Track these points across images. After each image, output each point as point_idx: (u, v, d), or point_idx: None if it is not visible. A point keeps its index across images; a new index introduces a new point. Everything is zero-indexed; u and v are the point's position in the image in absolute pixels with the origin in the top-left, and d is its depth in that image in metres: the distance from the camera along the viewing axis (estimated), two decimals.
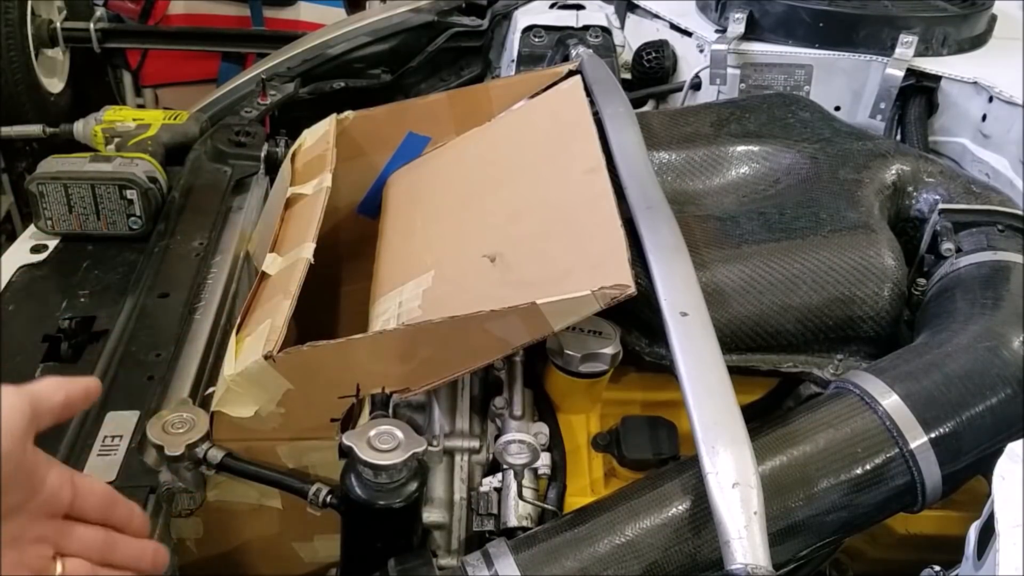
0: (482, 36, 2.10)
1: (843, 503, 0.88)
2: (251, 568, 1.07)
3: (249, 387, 0.94)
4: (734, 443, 0.80)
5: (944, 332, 1.00)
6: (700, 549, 0.83)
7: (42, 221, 1.37)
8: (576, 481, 1.04)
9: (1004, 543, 0.64)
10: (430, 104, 1.41)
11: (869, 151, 1.25)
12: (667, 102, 1.88)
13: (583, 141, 1.17)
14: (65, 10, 2.41)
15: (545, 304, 0.90)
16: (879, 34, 1.63)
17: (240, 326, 1.02)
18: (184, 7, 2.88)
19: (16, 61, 2.11)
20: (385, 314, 1.08)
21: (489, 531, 0.96)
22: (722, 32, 1.74)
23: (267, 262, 1.12)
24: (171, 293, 1.23)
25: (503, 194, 1.21)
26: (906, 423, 0.89)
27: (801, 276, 1.05)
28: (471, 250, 1.09)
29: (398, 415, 0.98)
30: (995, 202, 1.20)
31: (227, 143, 1.58)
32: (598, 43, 1.87)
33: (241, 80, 1.91)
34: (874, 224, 1.11)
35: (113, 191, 1.35)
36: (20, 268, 1.31)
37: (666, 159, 1.29)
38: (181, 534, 1.02)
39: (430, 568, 0.89)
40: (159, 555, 0.78)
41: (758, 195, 1.24)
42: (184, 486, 0.98)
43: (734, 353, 1.04)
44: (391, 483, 0.87)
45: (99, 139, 1.59)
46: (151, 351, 1.12)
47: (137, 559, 0.76)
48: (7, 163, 2.25)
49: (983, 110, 1.55)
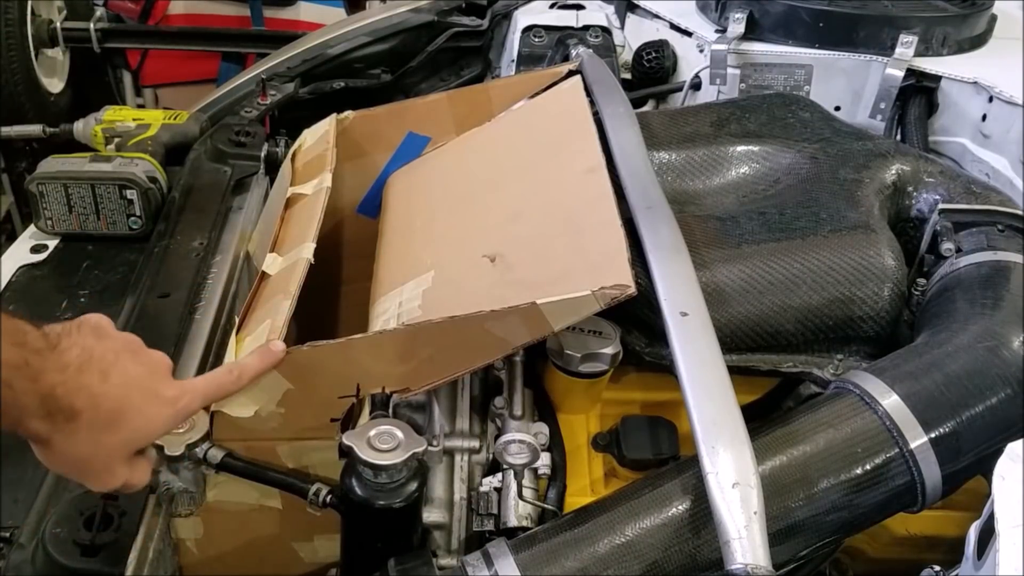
0: (482, 36, 2.09)
1: (843, 503, 0.88)
2: (251, 568, 1.07)
3: (249, 387, 0.94)
4: (734, 443, 0.80)
5: (944, 332, 1.00)
6: (700, 549, 0.83)
7: (42, 221, 1.37)
8: (576, 481, 1.04)
9: (1004, 543, 0.64)
10: (430, 104, 1.41)
11: (869, 151, 1.25)
12: (667, 102, 1.88)
13: (583, 141, 1.17)
14: (65, 10, 2.41)
15: (545, 304, 0.90)
16: (879, 34, 1.63)
17: (240, 326, 1.02)
18: (184, 7, 2.88)
19: (16, 61, 2.11)
20: (385, 314, 1.08)
21: (489, 531, 0.96)
22: (722, 32, 1.74)
23: (267, 262, 1.12)
24: (171, 293, 1.23)
25: (503, 194, 1.21)
26: (906, 423, 0.89)
27: (801, 276, 1.05)
28: (471, 250, 1.09)
29: (398, 415, 0.98)
30: (995, 202, 1.20)
31: (227, 143, 1.58)
32: (598, 43, 1.87)
33: (241, 80, 1.91)
34: (874, 224, 1.11)
35: (113, 191, 1.35)
36: (20, 268, 1.31)
37: (666, 159, 1.29)
38: (181, 534, 1.02)
39: (430, 568, 0.89)
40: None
41: (758, 195, 1.24)
42: (184, 486, 0.98)
43: (734, 353, 1.04)
44: (391, 483, 0.87)
45: (99, 139, 1.59)
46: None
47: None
48: (7, 163, 2.25)
49: (983, 110, 1.55)
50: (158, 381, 0.82)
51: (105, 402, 0.76)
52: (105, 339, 0.79)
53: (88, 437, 0.76)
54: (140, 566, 0.91)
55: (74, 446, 0.76)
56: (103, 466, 0.79)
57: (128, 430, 0.78)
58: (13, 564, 0.90)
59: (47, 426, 0.74)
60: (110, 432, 0.77)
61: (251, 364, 0.91)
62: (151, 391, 0.80)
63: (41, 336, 0.74)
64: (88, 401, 0.75)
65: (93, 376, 0.76)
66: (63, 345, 0.75)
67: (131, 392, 0.78)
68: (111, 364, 0.77)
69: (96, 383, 0.76)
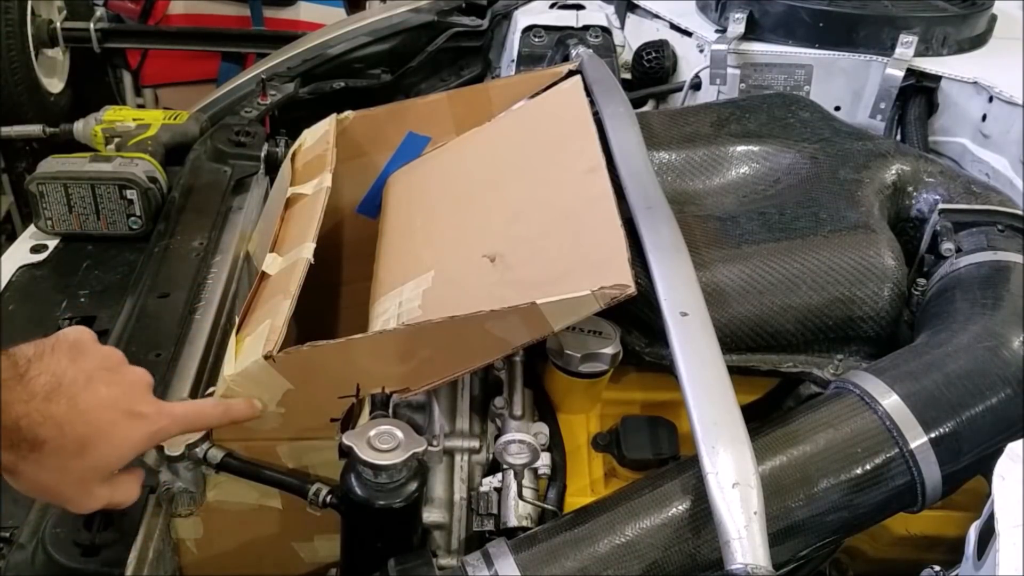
0: (482, 36, 2.09)
1: (843, 503, 0.88)
2: (251, 568, 1.07)
3: (249, 387, 0.94)
4: (734, 443, 0.80)
5: (944, 332, 1.00)
6: (700, 549, 0.83)
7: (42, 221, 1.37)
8: (576, 481, 1.04)
9: (1004, 543, 0.64)
10: (430, 104, 1.41)
11: (869, 151, 1.25)
12: (667, 102, 1.88)
13: (583, 141, 1.17)
14: (65, 10, 2.42)
15: (545, 304, 0.90)
16: (879, 34, 1.63)
17: (240, 326, 1.02)
18: (184, 7, 2.88)
19: (16, 61, 2.11)
20: (385, 314, 1.08)
21: (489, 531, 0.96)
22: (722, 32, 1.74)
23: (267, 262, 1.12)
24: (171, 293, 1.23)
25: (503, 194, 1.21)
26: (906, 423, 0.89)
27: (801, 276, 1.05)
28: (471, 250, 1.09)
29: (398, 415, 0.98)
30: (995, 202, 1.20)
31: (227, 143, 1.58)
32: (598, 43, 1.87)
33: (241, 80, 1.91)
34: (874, 224, 1.11)
35: (113, 191, 1.35)
36: (20, 268, 1.31)
37: (666, 159, 1.29)
38: (181, 534, 1.02)
39: (430, 568, 0.89)
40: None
41: (758, 195, 1.24)
42: (184, 486, 0.98)
43: (734, 353, 1.04)
44: (391, 483, 0.87)
45: (99, 139, 1.59)
46: (151, 351, 1.12)
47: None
48: (7, 163, 2.26)
49: (983, 110, 1.55)
50: (134, 401, 0.81)
51: (71, 429, 0.75)
52: (80, 359, 0.78)
53: (55, 464, 0.75)
54: (140, 566, 0.91)
55: (41, 473, 0.76)
56: (76, 491, 0.79)
57: (97, 455, 0.78)
58: (13, 564, 0.90)
59: (12, 456, 0.74)
60: (78, 458, 0.76)
61: (239, 410, 0.92)
62: (125, 412, 0.80)
63: (11, 365, 0.73)
64: (53, 430, 0.74)
65: (60, 404, 0.75)
66: (31, 373, 0.74)
67: (101, 416, 0.77)
68: (81, 388, 0.76)
69: (63, 411, 0.75)
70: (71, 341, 0.79)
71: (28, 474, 0.76)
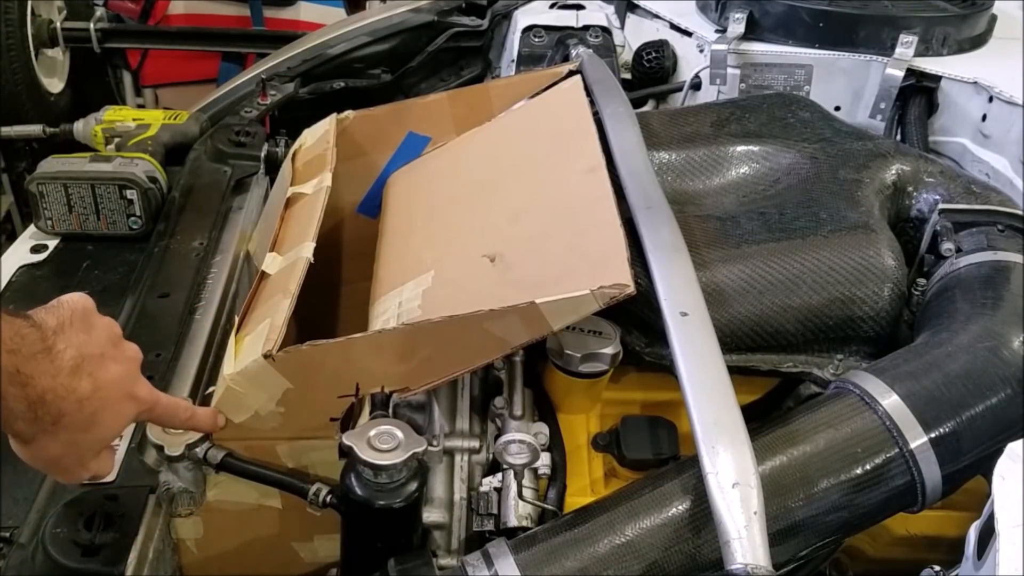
0: (482, 36, 2.09)
1: (843, 503, 0.88)
2: (251, 568, 1.07)
3: (249, 386, 0.94)
4: (734, 443, 0.80)
5: (944, 332, 1.00)
6: (700, 549, 0.83)
7: (42, 221, 1.37)
8: (576, 481, 1.04)
9: (1004, 543, 0.64)
10: (430, 104, 1.41)
11: (869, 151, 1.25)
12: (667, 102, 1.88)
13: (583, 141, 1.17)
14: (65, 10, 2.41)
15: (545, 304, 0.90)
16: (879, 34, 1.63)
17: (240, 326, 1.02)
18: (184, 7, 2.88)
19: (16, 61, 2.11)
20: (385, 314, 1.08)
21: (489, 531, 0.96)
22: (722, 32, 1.74)
23: (267, 262, 1.12)
24: (171, 293, 1.23)
25: (503, 194, 1.21)
26: (906, 423, 0.89)
27: (801, 276, 1.05)
28: (471, 250, 1.09)
29: (398, 415, 0.98)
30: (995, 202, 1.20)
31: (227, 143, 1.58)
32: (598, 43, 1.87)
33: (241, 80, 1.91)
34: (874, 224, 1.11)
35: (113, 191, 1.35)
36: (20, 268, 1.31)
37: (666, 159, 1.29)
38: (181, 534, 1.02)
39: (430, 568, 0.89)
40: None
41: (758, 195, 1.24)
42: (184, 486, 0.98)
43: (734, 353, 1.04)
44: (391, 483, 0.87)
45: (99, 139, 1.59)
46: (151, 351, 1.12)
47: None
48: (7, 163, 2.25)
49: (983, 110, 1.55)
50: (133, 382, 0.84)
51: (88, 405, 0.77)
52: (92, 332, 0.80)
53: (68, 437, 0.78)
54: (140, 566, 0.91)
55: (51, 445, 0.78)
56: (76, 462, 0.82)
57: (101, 430, 0.80)
58: (13, 564, 0.90)
59: (32, 428, 0.76)
60: (85, 432, 0.79)
61: (203, 419, 0.94)
62: (126, 391, 0.82)
63: (39, 339, 0.74)
64: (74, 405, 0.76)
65: (83, 379, 0.77)
66: (58, 346, 0.75)
67: (111, 393, 0.80)
68: (98, 365, 0.79)
69: (85, 387, 0.77)
70: (81, 311, 0.80)
71: (41, 444, 0.77)
